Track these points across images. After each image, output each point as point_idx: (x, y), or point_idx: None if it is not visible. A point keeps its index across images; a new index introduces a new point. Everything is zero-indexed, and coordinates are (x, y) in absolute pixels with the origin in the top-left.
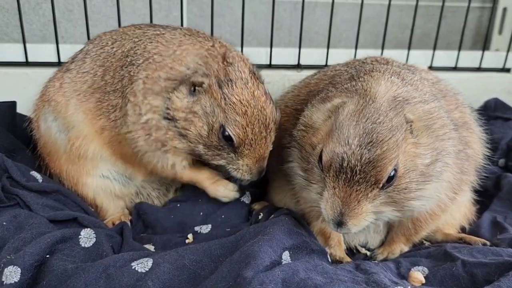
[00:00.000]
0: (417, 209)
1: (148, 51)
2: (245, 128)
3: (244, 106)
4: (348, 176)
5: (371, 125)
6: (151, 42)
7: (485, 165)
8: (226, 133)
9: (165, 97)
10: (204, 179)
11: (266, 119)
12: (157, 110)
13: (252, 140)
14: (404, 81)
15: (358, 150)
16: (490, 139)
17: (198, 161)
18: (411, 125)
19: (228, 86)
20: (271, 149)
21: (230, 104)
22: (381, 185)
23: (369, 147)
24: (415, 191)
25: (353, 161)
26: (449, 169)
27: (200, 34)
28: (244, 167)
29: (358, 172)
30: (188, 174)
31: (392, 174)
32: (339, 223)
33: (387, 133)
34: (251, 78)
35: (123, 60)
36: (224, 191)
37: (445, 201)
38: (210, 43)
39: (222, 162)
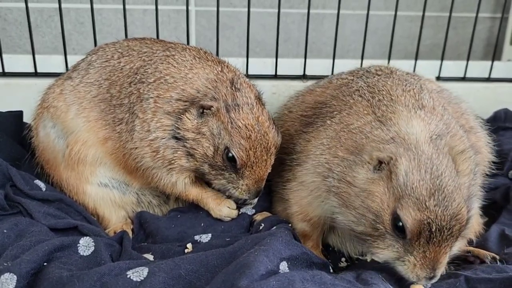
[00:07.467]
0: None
1: (160, 71)
2: (248, 151)
3: (248, 131)
4: (438, 238)
5: (436, 180)
6: (162, 63)
7: (494, 175)
8: (230, 154)
9: (176, 117)
10: (209, 199)
11: (268, 144)
12: (167, 129)
13: (253, 162)
14: (425, 109)
15: (439, 210)
16: (499, 150)
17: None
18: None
19: (235, 110)
20: (270, 171)
21: (236, 128)
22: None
23: (445, 203)
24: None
25: (439, 223)
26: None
27: (208, 57)
28: (244, 187)
29: (445, 230)
30: (194, 193)
31: None
32: (430, 278)
33: (452, 182)
34: (256, 103)
35: (132, 77)
36: (228, 211)
37: None
38: (219, 67)
39: (223, 181)
